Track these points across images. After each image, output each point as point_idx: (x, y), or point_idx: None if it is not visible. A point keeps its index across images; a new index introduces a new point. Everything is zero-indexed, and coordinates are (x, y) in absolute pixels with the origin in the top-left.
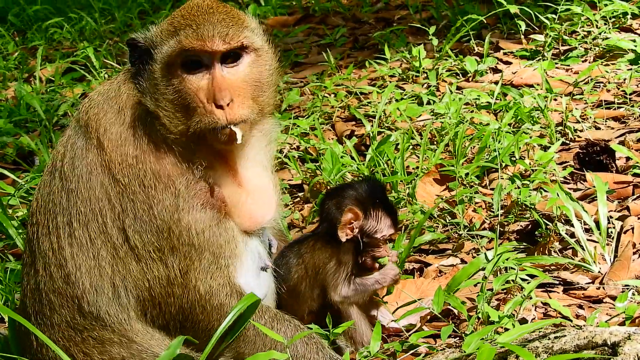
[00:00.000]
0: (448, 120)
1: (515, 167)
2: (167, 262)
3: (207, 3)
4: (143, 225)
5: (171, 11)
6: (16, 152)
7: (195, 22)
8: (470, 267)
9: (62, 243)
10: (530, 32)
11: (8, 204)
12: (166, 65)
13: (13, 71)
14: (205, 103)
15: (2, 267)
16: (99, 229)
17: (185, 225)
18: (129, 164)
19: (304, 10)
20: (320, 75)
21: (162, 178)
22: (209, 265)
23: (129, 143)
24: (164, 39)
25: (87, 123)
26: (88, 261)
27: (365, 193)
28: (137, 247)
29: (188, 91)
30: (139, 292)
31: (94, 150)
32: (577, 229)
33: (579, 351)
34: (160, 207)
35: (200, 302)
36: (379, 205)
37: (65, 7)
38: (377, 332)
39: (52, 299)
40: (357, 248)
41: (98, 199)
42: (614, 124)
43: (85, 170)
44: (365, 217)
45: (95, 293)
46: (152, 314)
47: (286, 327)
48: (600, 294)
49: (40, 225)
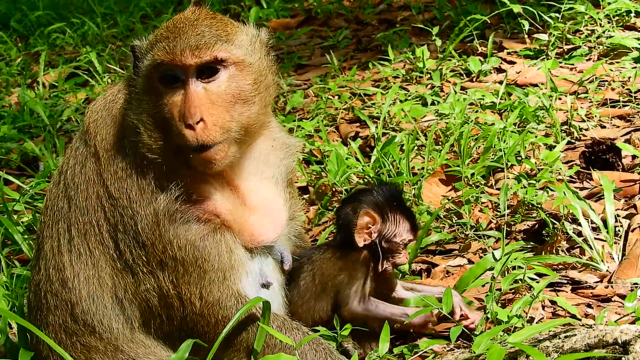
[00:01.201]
0: (453, 121)
1: (521, 167)
2: (157, 275)
3: (195, 15)
4: (131, 240)
5: (173, 15)
6: (20, 158)
7: (172, 34)
8: (477, 268)
9: (62, 249)
10: (534, 31)
11: (13, 209)
12: (146, 78)
13: (16, 77)
14: (177, 121)
15: (8, 273)
16: (96, 240)
17: (167, 240)
18: (119, 177)
19: (307, 13)
20: (323, 77)
21: (146, 193)
22: (199, 279)
23: (121, 155)
24: (147, 50)
25: (87, 129)
26: (86, 270)
27: (382, 197)
28: (129, 261)
29: (164, 106)
30: (139, 304)
31: (91, 158)
32: (584, 228)
33: (589, 350)
34: (144, 223)
35: (201, 314)
36: (396, 209)
37: (68, 12)
38: (385, 333)
39: (48, 298)
40: (374, 260)
41: (95, 209)
42: (619, 122)
43: (83, 179)
44: (382, 221)
45: (92, 302)
46: (156, 324)
47: (294, 334)
48: (608, 292)
49: (45, 227)
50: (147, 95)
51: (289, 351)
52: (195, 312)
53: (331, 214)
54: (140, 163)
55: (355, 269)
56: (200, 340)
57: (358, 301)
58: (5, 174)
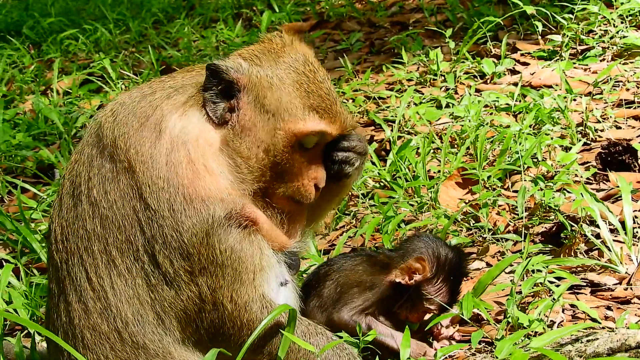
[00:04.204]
0: (468, 123)
1: (538, 169)
2: (197, 282)
3: (321, 72)
4: (173, 251)
5: (185, 21)
6: (36, 166)
7: (334, 105)
8: (495, 270)
9: (100, 272)
10: (547, 32)
11: (30, 217)
12: (290, 134)
13: (30, 84)
14: (305, 180)
15: (27, 282)
16: (133, 257)
17: (212, 246)
18: (159, 187)
19: (319, 16)
20: (337, 80)
21: (195, 202)
22: (232, 281)
23: (161, 165)
24: (294, 103)
25: (115, 143)
26: (127, 290)
27: (448, 259)
28: (169, 273)
29: (295, 163)
30: (176, 314)
31: (124, 173)
32: (602, 230)
33: (612, 354)
34: (190, 234)
35: (230, 317)
36: (450, 279)
37: (80, 18)
38: (406, 338)
39: (86, 335)
40: (394, 296)
41: (131, 225)
42: (634, 122)
43: (118, 195)
44: (429, 278)
45: (138, 322)
46: (188, 332)
47: (319, 339)
48: (628, 294)
49: (70, 253)
50: (274, 139)
51: (313, 356)
52: (226, 315)
53: (348, 219)
54: (191, 171)
55: (371, 289)
56: (223, 345)
57: (351, 314)
58: (22, 181)
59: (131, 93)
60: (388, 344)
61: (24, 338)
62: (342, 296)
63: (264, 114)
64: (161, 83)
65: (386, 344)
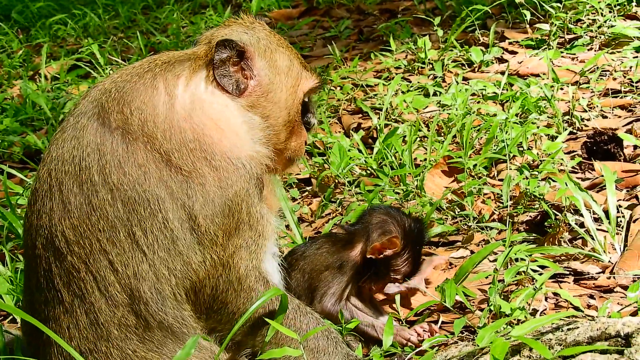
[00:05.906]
0: (455, 112)
1: (524, 158)
2: (229, 242)
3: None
4: (215, 208)
5: (175, 6)
6: (23, 151)
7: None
8: (477, 256)
9: (126, 259)
10: (536, 21)
11: (16, 203)
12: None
13: (18, 69)
14: (303, 138)
15: (12, 268)
16: (158, 229)
17: (251, 204)
18: (189, 150)
19: (308, 3)
20: (325, 68)
21: (232, 159)
22: (249, 246)
23: (184, 130)
24: (294, 63)
25: (128, 122)
26: (152, 269)
27: (414, 233)
28: (207, 234)
29: (299, 120)
30: (184, 282)
31: (142, 147)
32: (586, 219)
33: (592, 343)
34: (237, 187)
35: (235, 282)
36: (415, 251)
37: (69, 3)
38: (389, 326)
39: (112, 332)
40: (362, 270)
41: (157, 197)
42: (621, 112)
43: (141, 172)
44: (399, 253)
45: (162, 301)
46: (191, 300)
47: (308, 319)
48: (611, 283)
49: (90, 252)
50: (294, 103)
51: (298, 342)
52: (233, 278)
53: (334, 206)
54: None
55: (341, 269)
56: (217, 316)
57: (333, 302)
58: (8, 167)
59: (121, 74)
60: (370, 334)
61: (9, 324)
62: (314, 284)
63: (279, 75)
64: (152, 62)
65: (368, 334)
